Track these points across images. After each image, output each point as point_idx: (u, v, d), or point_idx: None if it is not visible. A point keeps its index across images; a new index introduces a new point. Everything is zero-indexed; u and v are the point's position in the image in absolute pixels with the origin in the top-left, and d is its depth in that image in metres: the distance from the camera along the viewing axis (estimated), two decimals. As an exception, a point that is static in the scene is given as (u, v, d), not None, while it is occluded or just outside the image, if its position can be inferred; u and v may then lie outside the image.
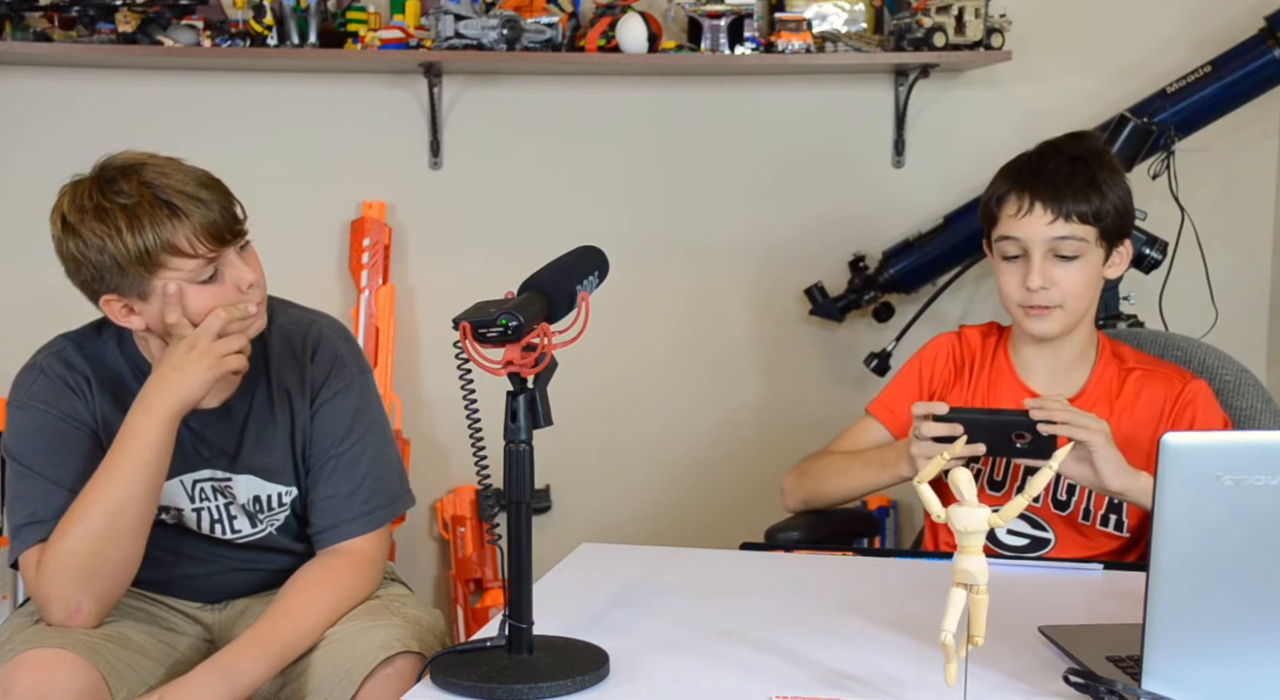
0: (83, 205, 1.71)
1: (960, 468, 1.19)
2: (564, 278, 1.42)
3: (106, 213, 1.69)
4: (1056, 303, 1.96)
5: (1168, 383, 2.00)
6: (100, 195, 1.70)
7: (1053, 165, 1.97)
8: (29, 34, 2.83)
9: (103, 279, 1.71)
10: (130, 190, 1.69)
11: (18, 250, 3.05)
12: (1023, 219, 1.96)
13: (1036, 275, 1.94)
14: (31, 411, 1.79)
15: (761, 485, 3.13)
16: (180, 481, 1.82)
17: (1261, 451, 1.20)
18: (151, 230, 1.67)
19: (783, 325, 3.21)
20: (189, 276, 1.70)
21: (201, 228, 1.69)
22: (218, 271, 1.73)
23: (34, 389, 1.80)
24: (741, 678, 1.35)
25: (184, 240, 1.68)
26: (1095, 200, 1.94)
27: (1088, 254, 1.95)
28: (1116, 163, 2.03)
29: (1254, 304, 3.24)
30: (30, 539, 1.73)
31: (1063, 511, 2.00)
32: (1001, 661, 1.36)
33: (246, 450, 1.84)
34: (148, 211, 1.68)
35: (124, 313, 1.74)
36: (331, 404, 1.84)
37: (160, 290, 1.70)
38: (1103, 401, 2.01)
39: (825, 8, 3.05)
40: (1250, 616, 1.21)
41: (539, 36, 2.88)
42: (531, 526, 1.37)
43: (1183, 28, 3.10)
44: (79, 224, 1.70)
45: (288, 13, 2.84)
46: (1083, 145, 2.02)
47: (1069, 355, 2.03)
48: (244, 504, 1.85)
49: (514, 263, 1.55)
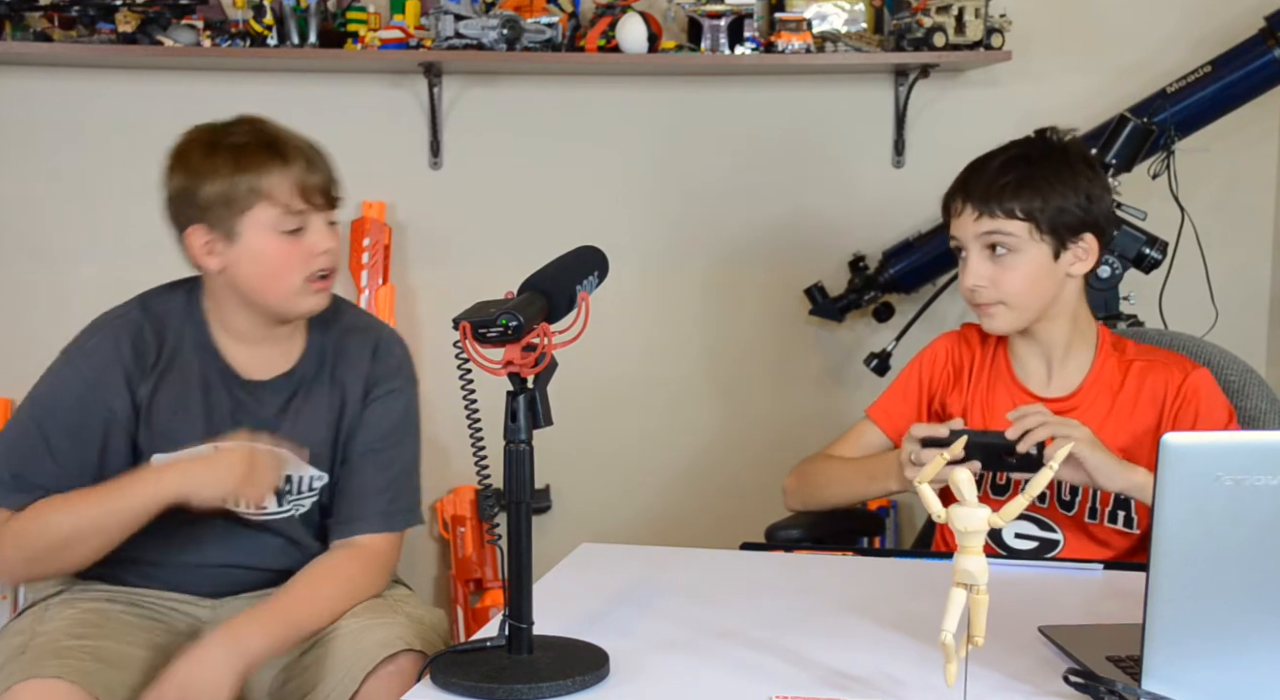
0: (196, 137, 1.83)
1: (960, 468, 1.19)
2: (564, 278, 1.42)
3: (216, 146, 1.80)
4: (996, 300, 1.97)
5: (1169, 372, 1.99)
6: (215, 132, 1.83)
7: (991, 164, 1.99)
8: (29, 34, 2.83)
9: (195, 207, 1.80)
10: (243, 132, 1.82)
11: (18, 250, 3.05)
12: (958, 218, 2.00)
13: (969, 273, 1.98)
14: (71, 373, 1.82)
15: (761, 485, 3.13)
16: (213, 448, 1.83)
17: (1261, 451, 1.20)
18: (253, 171, 1.78)
19: (783, 325, 3.21)
20: (273, 223, 1.79)
21: (299, 182, 1.79)
22: (301, 229, 1.81)
23: (88, 351, 1.83)
24: (741, 678, 1.35)
25: (279, 187, 1.78)
26: (1025, 196, 1.94)
27: (1023, 249, 1.95)
28: (1078, 160, 2.01)
29: (1254, 304, 3.24)
30: (4, 500, 1.77)
31: (1069, 511, 1.99)
32: (1001, 661, 1.36)
33: (285, 427, 1.87)
34: (254, 152, 1.79)
35: (205, 250, 1.82)
36: (384, 401, 1.91)
37: (244, 233, 1.78)
38: (1104, 395, 2.00)
39: (825, 8, 3.05)
40: (1250, 616, 1.21)
41: (539, 36, 2.88)
42: (531, 526, 1.37)
43: (1183, 28, 3.10)
44: (188, 151, 1.82)
45: (288, 13, 2.84)
46: (1035, 144, 2.02)
47: (1057, 351, 2.03)
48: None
49: (514, 263, 1.54)
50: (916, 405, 2.13)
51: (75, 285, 3.04)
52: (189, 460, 1.79)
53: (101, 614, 1.81)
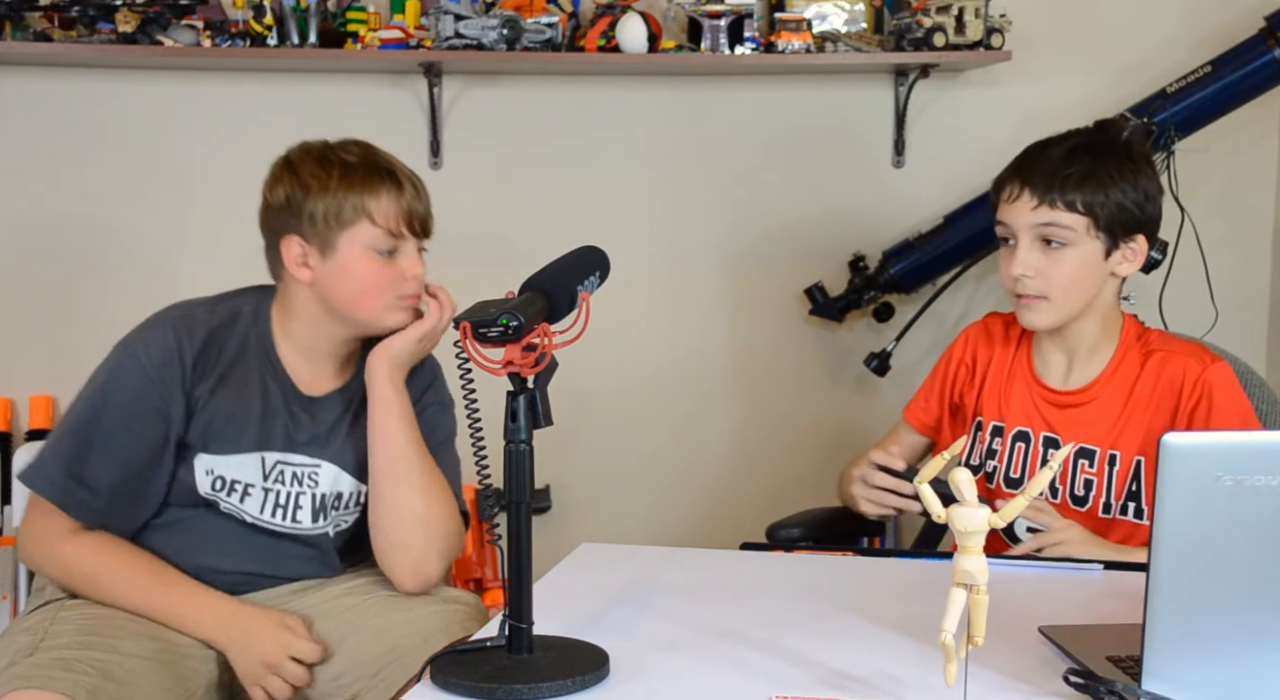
0: (309, 149, 1.87)
1: (960, 468, 1.19)
2: (565, 278, 1.42)
3: (329, 160, 1.84)
4: (1041, 293, 1.94)
5: (1188, 364, 1.95)
6: (328, 148, 1.87)
7: (1054, 152, 1.95)
8: (29, 34, 2.83)
9: (299, 218, 1.82)
10: (357, 152, 1.86)
11: (17, 250, 3.05)
12: (1012, 204, 1.95)
13: (1018, 262, 1.93)
14: (133, 365, 1.82)
15: (762, 485, 3.14)
16: (261, 457, 1.86)
17: (1261, 451, 1.20)
18: (361, 188, 1.82)
19: (783, 325, 3.21)
20: (371, 243, 1.82)
21: (405, 208, 1.83)
22: (394, 252, 1.84)
23: (149, 344, 1.83)
24: (741, 678, 1.35)
25: (383, 209, 1.82)
26: (1089, 190, 1.90)
27: (1077, 244, 1.92)
28: (1140, 157, 1.98)
29: (1254, 304, 3.24)
30: (60, 500, 1.80)
31: (1081, 507, 1.98)
32: (1001, 661, 1.36)
33: (338, 441, 1.90)
34: (365, 171, 1.84)
35: (299, 260, 1.83)
36: (428, 412, 1.95)
37: (341, 249, 1.81)
38: (1121, 388, 1.98)
39: (825, 8, 3.05)
40: (1250, 616, 1.21)
41: (539, 36, 2.88)
42: (531, 526, 1.37)
43: (1183, 28, 3.10)
44: (299, 162, 1.85)
45: (288, 13, 2.84)
46: (1098, 135, 2.00)
47: (1083, 348, 2.01)
48: (321, 494, 1.89)
49: (514, 263, 1.55)
50: (940, 401, 2.13)
51: (76, 286, 3.04)
52: (242, 625, 1.80)
53: (112, 623, 1.79)
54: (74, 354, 2.06)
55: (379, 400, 1.86)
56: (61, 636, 1.73)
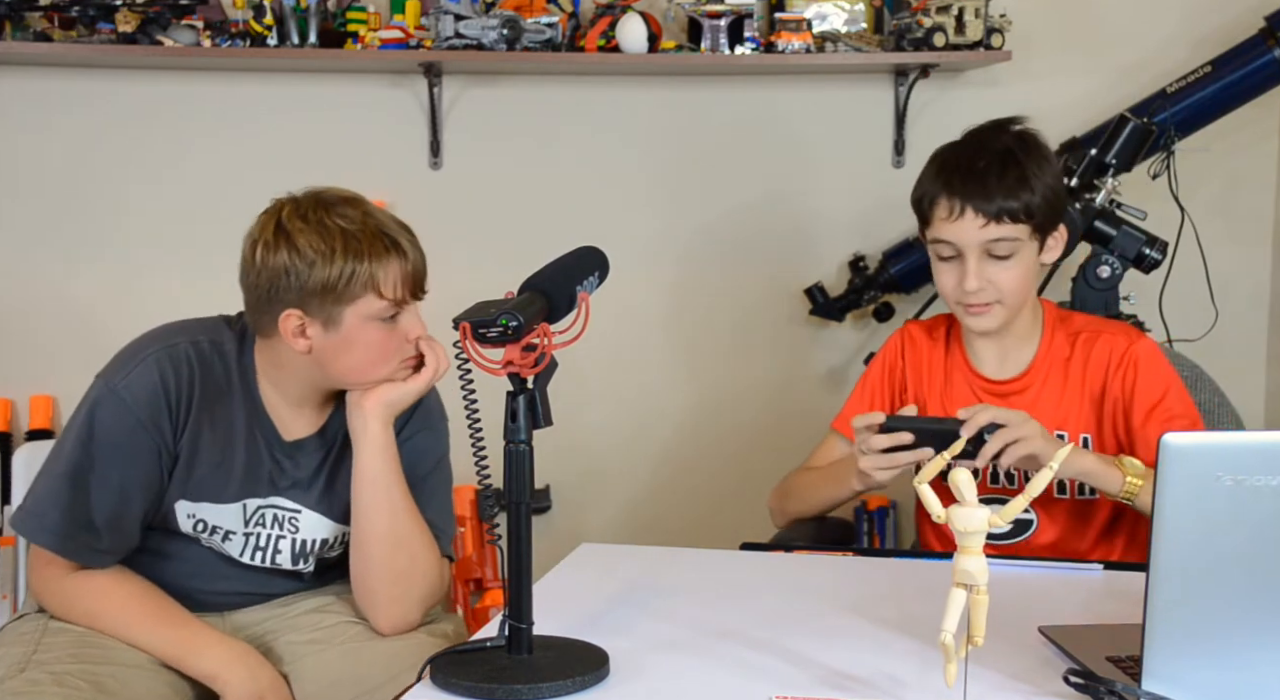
0: (305, 216, 1.71)
1: (960, 468, 1.19)
2: (564, 278, 1.42)
3: (328, 231, 1.70)
4: (994, 299, 1.97)
5: (1114, 339, 2.03)
6: (324, 213, 1.72)
7: (982, 164, 1.94)
8: (29, 34, 2.83)
9: (297, 291, 1.70)
10: (354, 217, 1.72)
11: (18, 249, 3.05)
12: (955, 223, 1.95)
13: (973, 277, 1.95)
14: (120, 407, 1.73)
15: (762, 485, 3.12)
16: (243, 505, 1.82)
17: (1261, 451, 1.20)
18: (368, 259, 1.70)
19: (783, 325, 3.21)
20: (376, 314, 1.73)
21: (408, 272, 1.74)
22: (396, 317, 1.76)
23: (133, 381, 1.74)
24: (741, 678, 1.35)
25: (389, 279, 1.72)
26: (1025, 196, 1.92)
27: (1022, 251, 1.96)
28: (1043, 145, 2.00)
29: (1254, 304, 3.24)
30: (53, 547, 1.74)
31: (1062, 494, 2.01)
32: (1001, 661, 1.36)
33: (319, 487, 1.86)
34: (368, 240, 1.71)
35: (297, 332, 1.74)
36: (414, 441, 1.87)
37: (346, 322, 1.72)
38: (1056, 368, 2.03)
39: (825, 8, 3.06)
40: (1250, 616, 1.21)
41: (539, 36, 2.88)
42: (531, 526, 1.37)
43: (1183, 28, 3.10)
44: (297, 234, 1.70)
45: (288, 13, 2.84)
46: (1008, 135, 2.00)
47: (1014, 337, 2.06)
48: (301, 540, 1.86)
49: (514, 263, 1.54)
50: (873, 408, 2.12)
51: (76, 286, 3.04)
52: (236, 664, 1.75)
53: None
54: (74, 354, 2.06)
55: (370, 449, 1.78)
56: (54, 648, 1.72)
